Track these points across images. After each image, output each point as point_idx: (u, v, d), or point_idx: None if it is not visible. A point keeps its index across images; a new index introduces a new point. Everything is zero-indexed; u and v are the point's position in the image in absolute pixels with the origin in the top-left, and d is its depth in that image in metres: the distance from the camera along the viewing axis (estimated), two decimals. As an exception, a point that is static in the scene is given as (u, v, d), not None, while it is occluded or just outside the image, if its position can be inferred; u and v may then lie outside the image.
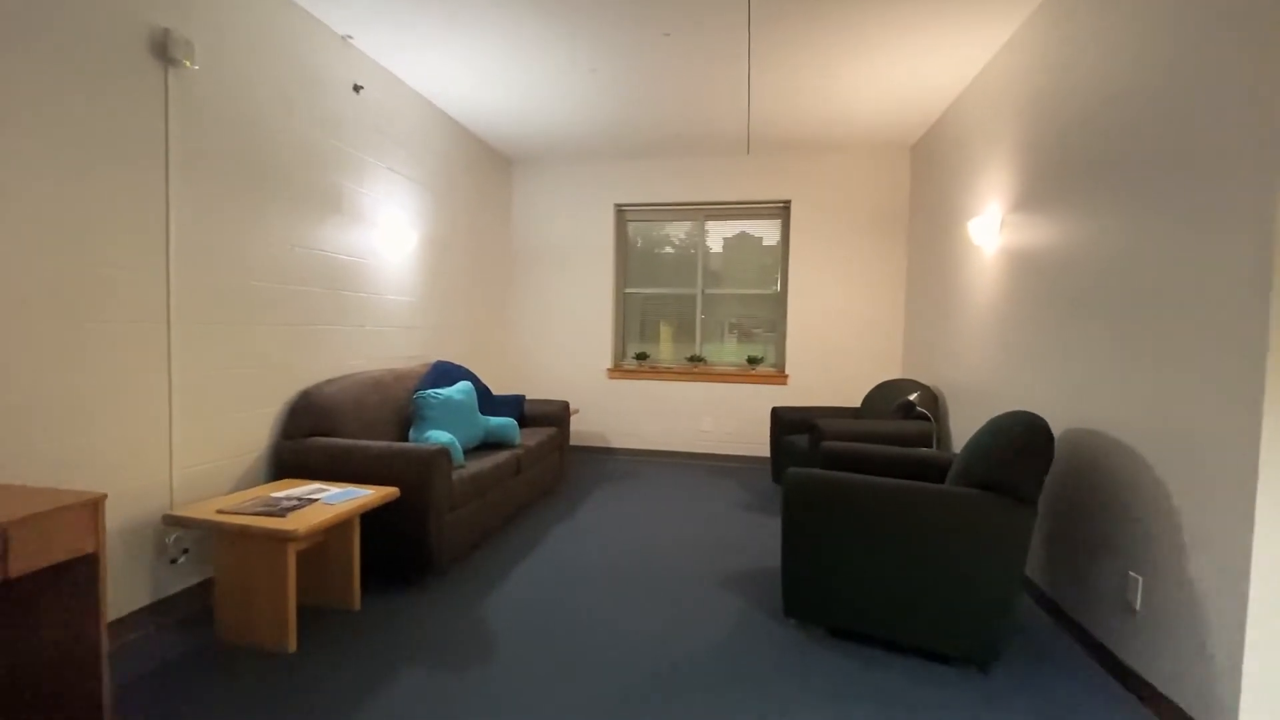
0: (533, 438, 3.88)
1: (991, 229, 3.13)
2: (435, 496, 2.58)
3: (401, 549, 2.61)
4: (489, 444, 3.62)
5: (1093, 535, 2.22)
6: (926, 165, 4.40)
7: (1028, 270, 2.79)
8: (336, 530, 2.40)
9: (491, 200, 5.05)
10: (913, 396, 3.20)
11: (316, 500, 2.29)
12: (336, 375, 3.22)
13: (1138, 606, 1.96)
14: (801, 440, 4.00)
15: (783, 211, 5.14)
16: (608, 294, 5.31)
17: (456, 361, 4.55)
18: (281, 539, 2.03)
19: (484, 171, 4.89)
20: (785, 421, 4.30)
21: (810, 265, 5.00)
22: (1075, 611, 2.30)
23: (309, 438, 2.77)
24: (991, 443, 2.11)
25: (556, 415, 4.34)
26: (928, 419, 3.34)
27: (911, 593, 2.10)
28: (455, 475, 2.86)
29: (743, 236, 5.24)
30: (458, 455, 3.05)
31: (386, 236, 3.61)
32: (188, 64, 2.27)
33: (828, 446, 2.84)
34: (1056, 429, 2.49)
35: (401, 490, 2.56)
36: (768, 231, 5.19)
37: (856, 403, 4.97)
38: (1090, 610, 2.21)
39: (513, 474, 3.44)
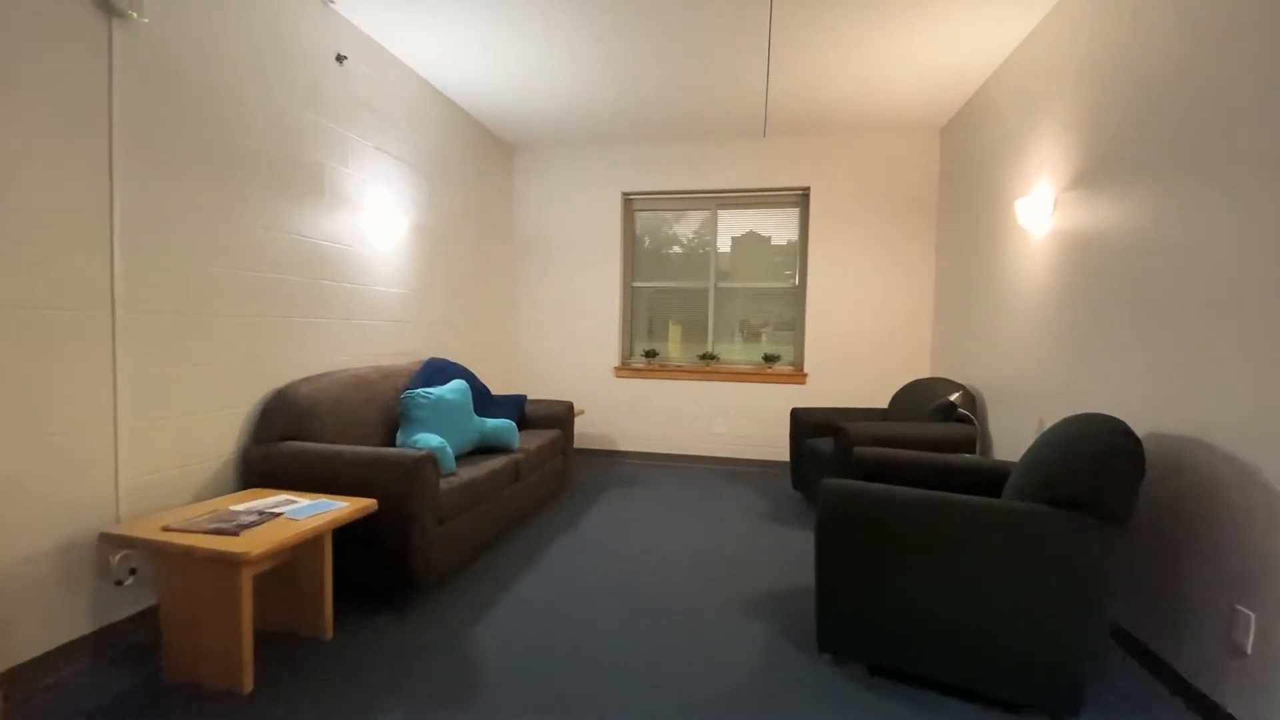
0: (533, 441, 3.58)
1: (1041, 210, 2.80)
2: (420, 508, 2.29)
3: (382, 567, 2.31)
4: (485, 448, 3.33)
5: (1189, 562, 1.89)
6: (959, 147, 4.07)
7: (1088, 255, 2.47)
8: (305, 548, 2.11)
9: (491, 188, 4.76)
10: (954, 397, 2.88)
11: (280, 515, 2.00)
12: (316, 372, 2.93)
13: (1249, 648, 1.63)
14: (824, 444, 3.68)
15: (801, 200, 4.82)
16: (615, 288, 5.01)
17: (453, 359, 4.26)
18: (232, 562, 1.73)
19: (483, 158, 4.60)
20: (806, 424, 3.98)
21: (831, 257, 4.67)
22: (1168, 653, 1.97)
23: (282, 442, 2.48)
24: (1063, 451, 1.79)
25: (560, 417, 4.04)
26: (970, 422, 3.03)
27: (971, 627, 1.78)
28: (445, 484, 2.57)
29: (754, 231, 4.92)
30: (449, 461, 2.76)
31: (374, 222, 3.33)
32: (134, 15, 1.99)
33: (861, 453, 2.52)
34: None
35: (381, 502, 2.27)
36: (784, 222, 4.87)
37: (882, 404, 4.64)
38: (1187, 652, 1.88)
39: (510, 481, 3.14)
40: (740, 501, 3.91)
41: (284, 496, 2.22)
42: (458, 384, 3.24)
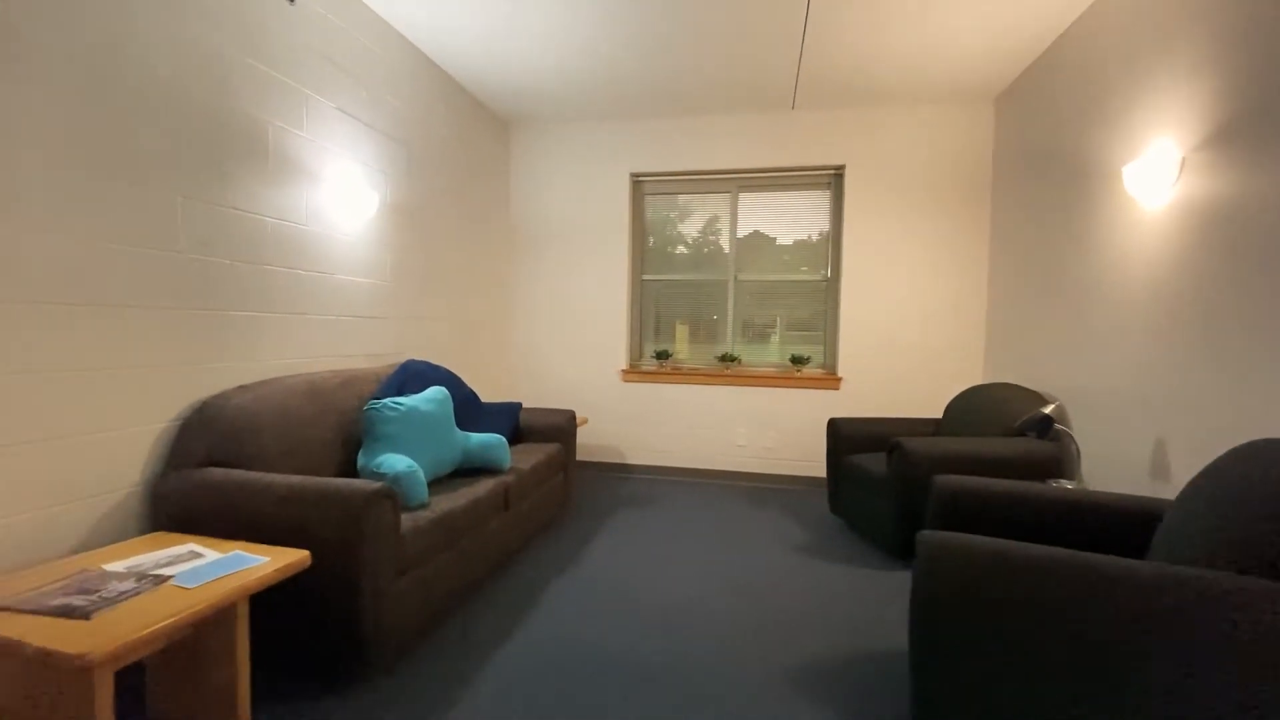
0: (528, 458, 3.03)
1: (1159, 176, 2.24)
2: (372, 558, 1.74)
3: (322, 637, 1.76)
4: (469, 469, 2.78)
5: None
6: (1023, 116, 3.50)
7: (1234, 229, 1.90)
8: (212, 624, 1.56)
9: (484, 168, 4.21)
10: (1049, 409, 2.31)
11: (169, 579, 1.45)
12: (259, 378, 2.38)
13: None
14: (871, 462, 3.11)
15: (832, 181, 4.26)
16: (622, 280, 4.46)
17: (435, 361, 3.71)
18: (70, 665, 1.18)
19: (474, 133, 4.05)
20: (846, 437, 3.42)
21: (868, 245, 4.10)
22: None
23: (204, 469, 1.94)
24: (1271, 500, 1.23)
25: (560, 428, 3.48)
26: (1057, 439, 2.47)
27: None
28: (410, 520, 2.02)
29: (779, 217, 4.35)
30: (417, 490, 2.21)
31: (337, 198, 2.78)
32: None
33: (944, 485, 1.95)
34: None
35: (322, 551, 1.72)
36: (813, 206, 4.31)
37: (932, 413, 4.07)
38: None
39: (498, 509, 2.59)
40: (771, 528, 3.34)
41: (190, 547, 1.67)
42: (435, 392, 2.68)
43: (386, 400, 2.44)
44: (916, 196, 4.03)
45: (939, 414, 4.04)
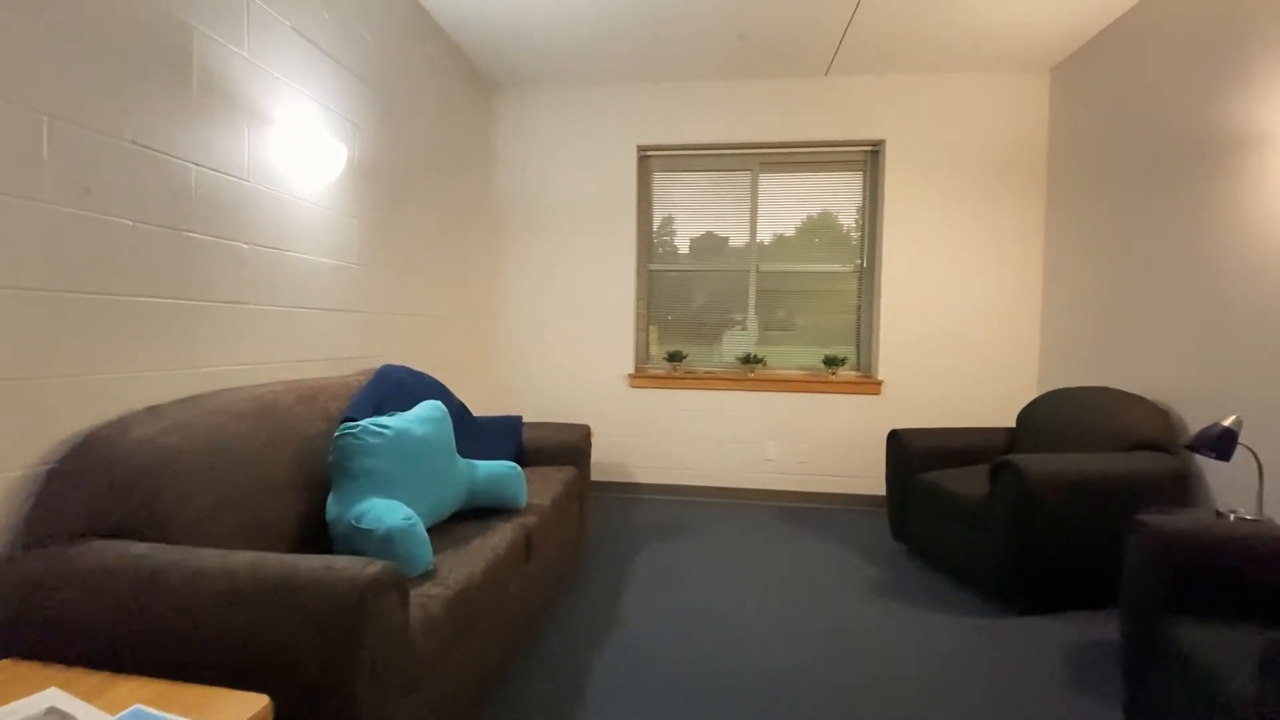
0: (544, 489, 2.38)
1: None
2: (369, 691, 1.08)
3: (288, 820, 1.09)
4: (475, 508, 2.11)
5: None
6: (1094, 87, 3.08)
7: None
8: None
9: (467, 134, 3.51)
10: (1229, 421, 1.85)
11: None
12: (176, 396, 1.66)
13: None
14: (953, 481, 2.61)
15: (868, 159, 3.77)
16: (628, 270, 3.84)
17: (416, 366, 3.01)
18: None
19: (457, 93, 3.35)
20: (914, 452, 2.91)
21: (911, 231, 3.63)
22: None
23: (84, 541, 1.23)
24: None
25: (574, 448, 2.84)
26: (1256, 460, 2.02)
27: None
28: (419, 607, 1.35)
29: (809, 198, 3.83)
30: (422, 552, 1.55)
31: (293, 147, 2.07)
32: None
33: (1163, 529, 1.43)
34: None
35: (284, 689, 1.05)
36: (846, 188, 3.81)
37: (990, 419, 3.61)
38: None
39: (519, 564, 1.94)
40: (829, 561, 2.80)
41: (50, 697, 0.97)
42: (429, 409, 2.00)
43: (365, 422, 1.76)
44: (964, 176, 3.58)
45: (999, 420, 3.59)
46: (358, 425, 1.73)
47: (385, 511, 1.58)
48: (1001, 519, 2.28)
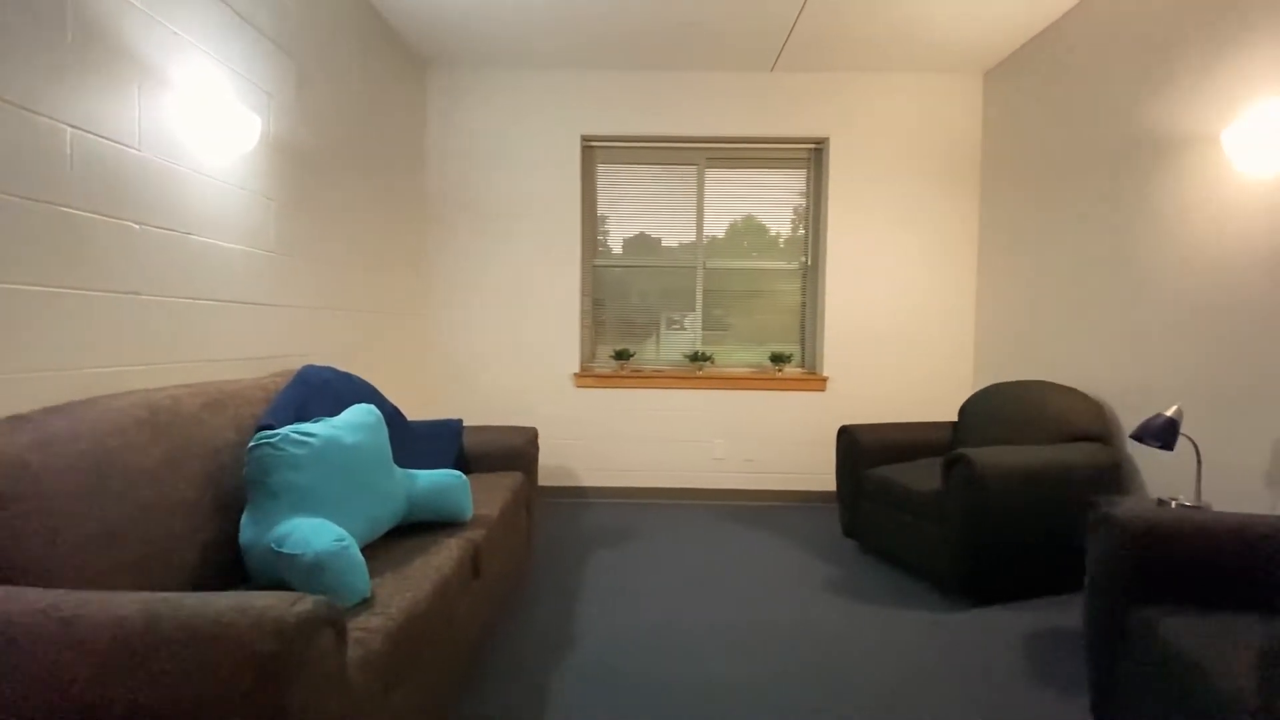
0: (490, 498, 2.20)
1: (1275, 137, 1.91)
2: (301, 755, 0.89)
3: None
4: (413, 523, 1.91)
5: None
6: (1025, 92, 3.19)
7: None
8: None
9: (398, 116, 3.25)
10: (1171, 411, 1.92)
11: None
12: (49, 403, 1.39)
13: None
14: (905, 475, 2.62)
15: (812, 157, 3.78)
16: (572, 265, 3.68)
17: (341, 366, 2.74)
18: None
19: (384, 69, 3.09)
20: (865, 447, 2.91)
21: (854, 229, 3.66)
22: None
23: (-83, 587, 0.97)
24: None
25: (519, 452, 2.67)
26: (1194, 449, 2.10)
27: None
28: (358, 644, 1.17)
29: (753, 195, 3.80)
30: (357, 579, 1.35)
31: (196, 113, 1.80)
32: None
33: (1130, 520, 1.43)
34: None
35: (189, 760, 0.85)
36: (789, 185, 3.81)
37: (930, 414, 3.69)
38: None
39: (467, 582, 1.76)
40: (784, 562, 2.76)
41: None
42: (361, 413, 1.79)
43: (286, 430, 1.54)
44: (903, 176, 3.65)
45: (939, 414, 3.68)
46: (277, 434, 1.51)
47: (312, 533, 1.37)
48: (956, 512, 2.29)
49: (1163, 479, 2.36)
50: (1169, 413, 1.93)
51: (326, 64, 2.54)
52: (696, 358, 3.71)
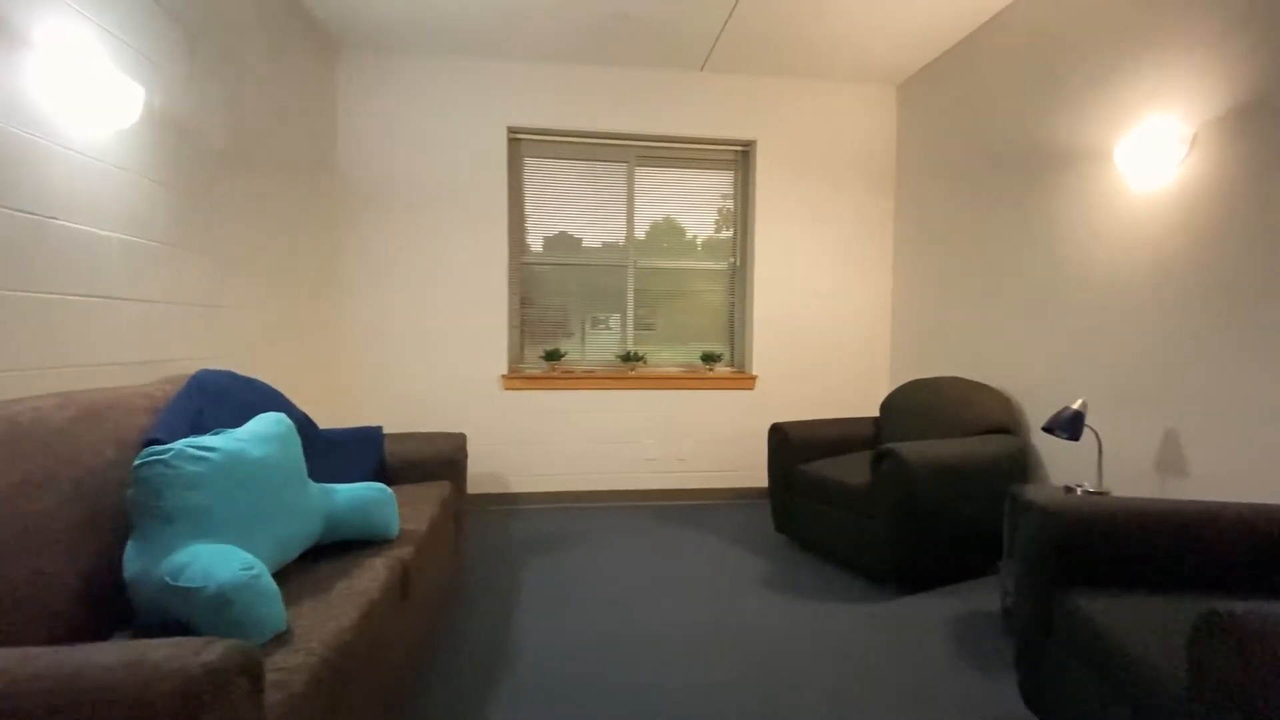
0: (418, 512, 2.05)
1: (1160, 153, 2.09)
2: (211, 830, 0.76)
3: None
4: (331, 543, 1.74)
5: None
6: (937, 103, 3.38)
7: (1260, 210, 1.77)
8: None
9: (306, 99, 2.99)
10: (1077, 404, 2.06)
11: None
12: None
13: None
14: (835, 470, 2.69)
15: (740, 159, 3.83)
16: (499, 262, 3.54)
17: (244, 372, 2.48)
18: None
19: (292, 49, 2.82)
20: (795, 444, 2.97)
21: (780, 231, 3.74)
22: None
23: None
24: None
25: (447, 460, 2.51)
26: (1097, 439, 2.26)
27: None
28: (277, 688, 1.02)
29: (680, 194, 3.80)
30: (271, 611, 1.20)
31: (62, 79, 1.54)
32: None
33: (1059, 509, 1.51)
34: None
35: None
36: (718, 186, 3.84)
37: (853, 410, 3.83)
38: None
39: (395, 603, 1.62)
40: (720, 560, 2.76)
41: None
42: (271, 422, 1.61)
43: (181, 445, 1.35)
44: (825, 180, 3.77)
45: (861, 410, 3.82)
46: (169, 449, 1.32)
47: (215, 561, 1.20)
48: (886, 504, 2.37)
49: (1063, 467, 2.55)
50: (1075, 406, 2.08)
51: (223, 35, 2.28)
52: (628, 358, 3.66)
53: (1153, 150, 2.12)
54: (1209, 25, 1.97)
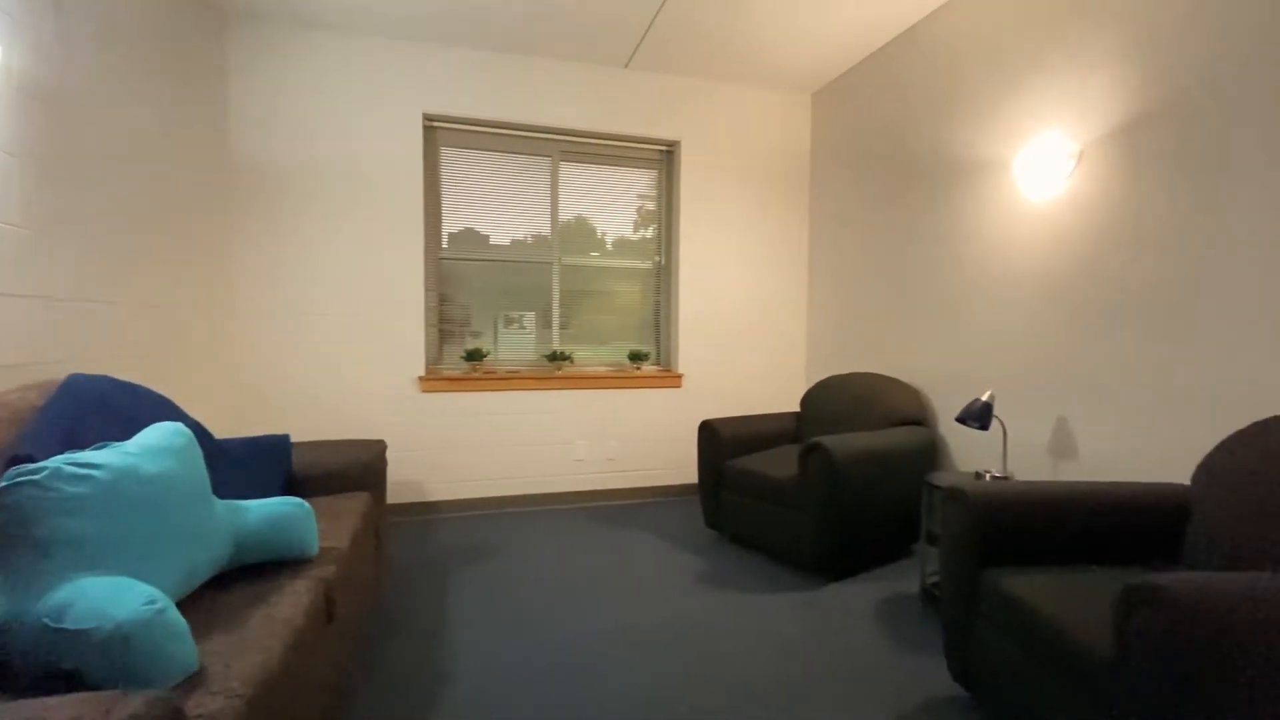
0: (337, 526, 1.89)
1: (1052, 166, 2.31)
2: None
3: None
4: (241, 565, 1.56)
5: None
6: (849, 112, 3.55)
7: (1137, 220, 2.00)
8: None
9: (188, 72, 2.67)
10: (986, 396, 2.23)
11: None
12: None
13: None
14: (764, 465, 2.76)
15: (664, 158, 3.85)
16: (414, 257, 3.34)
17: (123, 377, 2.18)
18: None
19: (173, 13, 2.51)
20: (724, 440, 3.02)
21: (702, 231, 3.79)
22: None
23: None
24: None
25: (365, 468, 2.33)
26: (1002, 428, 2.43)
27: None
28: (191, 741, 0.89)
29: (604, 194, 3.77)
30: (179, 650, 1.05)
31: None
32: None
33: (978, 495, 1.62)
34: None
35: None
36: (643, 185, 3.84)
37: (780, 405, 3.95)
38: None
39: (320, 628, 1.47)
40: (652, 562, 2.75)
41: None
42: (167, 433, 1.42)
43: (56, 462, 1.16)
44: (746, 183, 3.86)
45: (781, 405, 3.95)
46: (42, 468, 1.13)
47: (108, 597, 1.03)
48: (813, 495, 2.46)
49: (968, 455, 2.76)
50: (984, 398, 2.25)
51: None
52: (555, 357, 3.58)
53: (1045, 163, 2.33)
54: (1093, 54, 2.19)
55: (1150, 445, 2.00)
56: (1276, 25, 1.68)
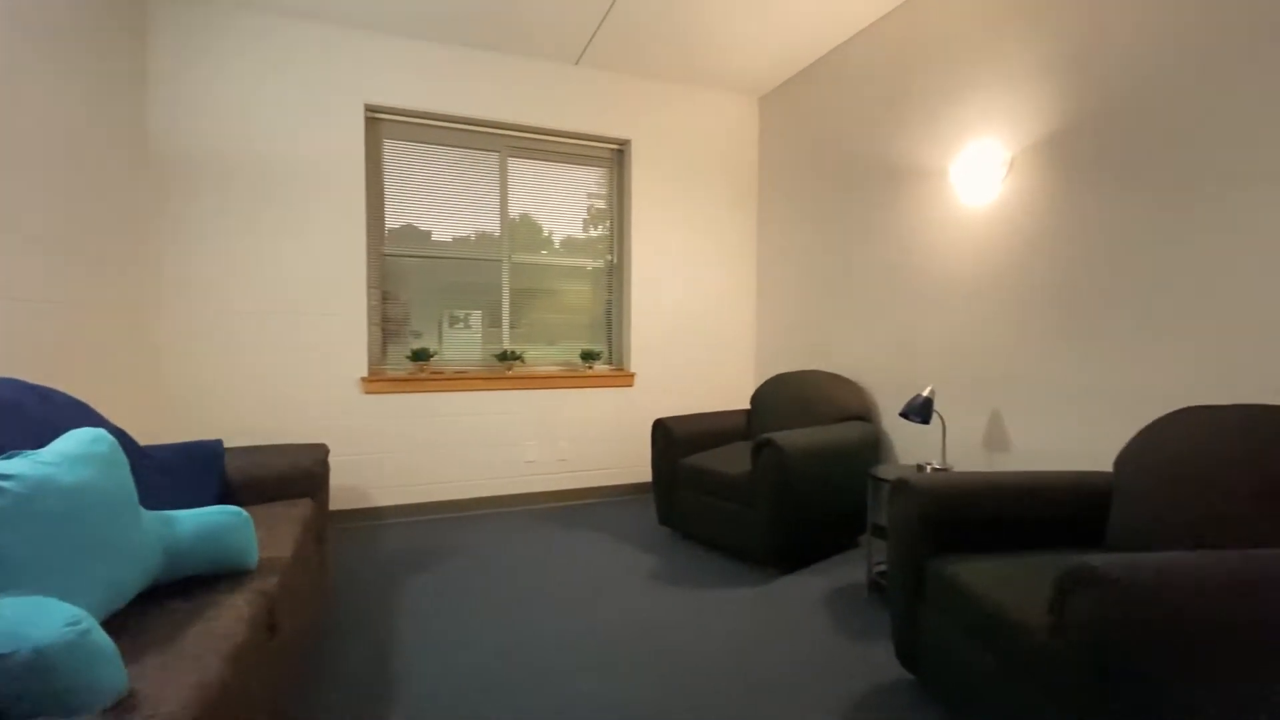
0: (277, 536, 1.80)
1: (986, 173, 2.44)
2: None
3: None
4: (173, 580, 1.46)
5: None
6: (795, 117, 3.65)
7: (1062, 226, 2.14)
8: None
9: (103, 48, 2.47)
10: (926, 392, 2.32)
11: None
12: None
13: None
14: (716, 462, 2.80)
15: (615, 157, 3.84)
16: (355, 253, 3.21)
17: (34, 381, 2.00)
18: None
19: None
20: (677, 438, 3.04)
21: (652, 231, 3.81)
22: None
23: None
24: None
25: (306, 474, 2.23)
26: (942, 422, 2.53)
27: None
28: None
29: (554, 192, 3.74)
30: (108, 671, 0.97)
31: None
32: None
33: (920, 485, 1.69)
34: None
35: None
36: (594, 183, 3.82)
37: (730, 403, 4.00)
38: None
39: (261, 645, 1.39)
40: (606, 562, 2.74)
41: None
42: (87, 440, 1.31)
43: (-40, 473, 1.05)
44: (695, 183, 3.91)
45: (731, 403, 4.01)
46: (-57, 481, 1.02)
47: (27, 617, 0.94)
48: (766, 491, 2.51)
49: (909, 448, 2.88)
50: (925, 393, 2.35)
51: (-9, -43, 1.82)
52: (505, 356, 3.52)
53: (979, 170, 2.45)
54: (1023, 67, 2.32)
55: (1075, 436, 2.14)
56: (1182, 48, 1.83)
